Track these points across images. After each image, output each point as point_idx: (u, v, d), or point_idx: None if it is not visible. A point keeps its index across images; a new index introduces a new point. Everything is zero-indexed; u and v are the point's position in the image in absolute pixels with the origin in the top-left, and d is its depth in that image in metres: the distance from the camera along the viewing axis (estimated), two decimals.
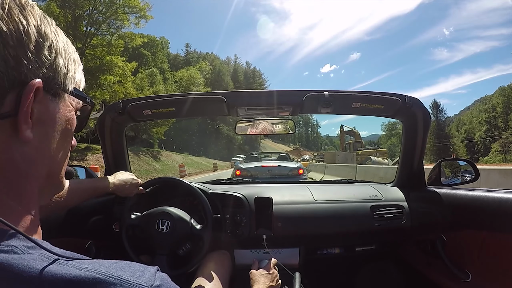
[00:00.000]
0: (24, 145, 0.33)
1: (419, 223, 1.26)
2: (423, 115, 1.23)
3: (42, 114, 0.34)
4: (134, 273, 0.31)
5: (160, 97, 1.24)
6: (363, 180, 1.66)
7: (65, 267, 0.29)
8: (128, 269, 0.32)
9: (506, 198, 0.91)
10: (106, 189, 0.99)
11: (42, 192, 0.38)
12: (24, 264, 0.28)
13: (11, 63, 0.31)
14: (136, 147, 21.53)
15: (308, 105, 1.22)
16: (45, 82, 0.34)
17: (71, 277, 0.28)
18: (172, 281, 0.35)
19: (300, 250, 1.30)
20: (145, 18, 17.91)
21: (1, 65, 0.30)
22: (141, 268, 0.33)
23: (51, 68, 0.35)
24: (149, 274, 0.32)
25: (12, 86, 0.31)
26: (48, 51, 0.34)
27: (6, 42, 0.30)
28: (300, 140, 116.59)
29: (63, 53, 0.37)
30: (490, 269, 0.98)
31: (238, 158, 23.66)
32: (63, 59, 0.37)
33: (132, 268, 0.32)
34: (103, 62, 16.62)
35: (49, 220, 1.02)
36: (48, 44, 0.34)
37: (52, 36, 0.35)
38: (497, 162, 34.88)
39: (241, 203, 1.24)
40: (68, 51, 0.38)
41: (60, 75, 0.36)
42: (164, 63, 38.59)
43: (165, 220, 1.01)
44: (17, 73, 0.31)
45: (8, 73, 0.30)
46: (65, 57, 0.37)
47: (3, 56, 0.30)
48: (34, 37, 0.33)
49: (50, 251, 0.30)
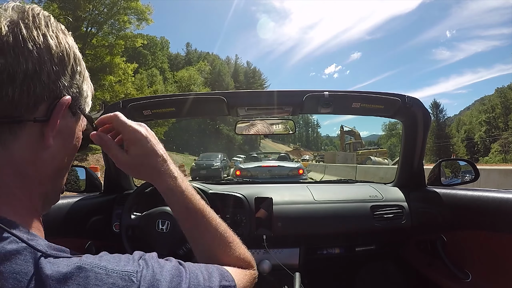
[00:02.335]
0: (44, 150, 0.37)
1: (419, 223, 1.26)
2: (423, 115, 1.23)
3: (63, 128, 0.39)
4: (119, 263, 0.34)
5: (160, 97, 1.24)
6: (363, 180, 1.66)
7: (53, 264, 0.31)
8: (113, 260, 0.34)
9: (506, 198, 0.91)
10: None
11: (45, 198, 0.41)
12: (13, 261, 0.29)
13: (52, 77, 0.36)
14: None
15: (308, 105, 1.22)
16: (72, 100, 0.39)
17: (58, 273, 0.30)
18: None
19: (300, 250, 1.30)
20: (146, 21, 17.93)
21: (45, 77, 0.35)
22: (126, 258, 0.36)
23: (78, 90, 0.41)
24: (134, 261, 0.36)
25: (48, 97, 0.36)
26: (79, 75, 0.41)
27: (52, 59, 0.36)
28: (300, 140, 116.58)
29: (87, 80, 0.44)
30: (490, 269, 0.98)
31: (238, 158, 23.65)
32: (86, 85, 0.43)
33: (117, 259, 0.35)
34: (104, 63, 16.64)
35: (49, 221, 1.02)
36: (79, 69, 0.41)
37: (82, 62, 0.42)
38: (497, 162, 34.89)
39: (241, 203, 1.24)
40: (88, 78, 0.44)
41: (82, 97, 0.42)
42: (164, 63, 38.64)
43: (165, 220, 1.01)
44: (55, 87, 0.37)
45: (49, 85, 0.36)
46: (87, 83, 0.44)
47: (48, 70, 0.35)
48: (72, 60, 0.39)
49: (39, 249, 0.31)
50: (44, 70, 0.35)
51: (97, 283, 0.31)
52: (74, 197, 1.17)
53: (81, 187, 1.28)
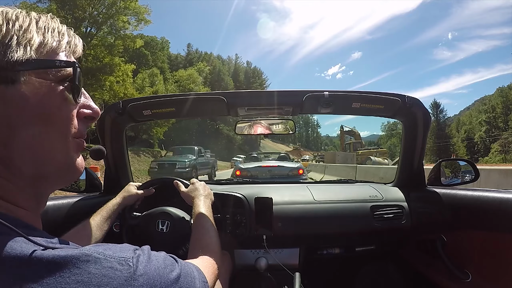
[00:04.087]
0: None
1: (419, 223, 1.26)
2: (423, 115, 1.23)
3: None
4: (116, 250, 0.36)
5: (160, 97, 1.24)
6: (363, 180, 1.66)
7: (56, 250, 0.32)
8: (112, 247, 0.36)
9: (506, 198, 0.91)
10: (117, 206, 1.01)
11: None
12: (11, 254, 0.31)
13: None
14: (136, 147, 21.50)
15: (308, 105, 1.21)
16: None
17: (58, 256, 0.31)
18: None
19: (300, 250, 1.30)
20: (144, 22, 17.95)
21: None
22: (122, 246, 0.38)
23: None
24: (130, 249, 0.38)
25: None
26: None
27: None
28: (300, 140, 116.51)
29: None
30: (490, 269, 0.98)
31: (238, 158, 23.67)
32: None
33: (115, 247, 0.37)
34: (103, 63, 16.64)
35: (49, 220, 1.02)
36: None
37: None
38: (497, 162, 34.92)
39: (241, 203, 1.24)
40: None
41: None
42: (164, 63, 38.60)
43: (165, 220, 1.01)
44: None
45: None
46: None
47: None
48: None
49: (38, 242, 0.32)
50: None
51: (96, 267, 0.32)
52: (74, 197, 1.17)
53: (81, 187, 1.28)
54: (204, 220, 0.85)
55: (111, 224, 0.96)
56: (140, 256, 0.37)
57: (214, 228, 0.83)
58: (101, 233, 0.90)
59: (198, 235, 0.78)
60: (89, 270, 0.32)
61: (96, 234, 0.88)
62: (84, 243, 0.83)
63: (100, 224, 0.91)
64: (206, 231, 0.80)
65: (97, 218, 0.92)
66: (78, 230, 0.86)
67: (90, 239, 0.86)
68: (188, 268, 0.45)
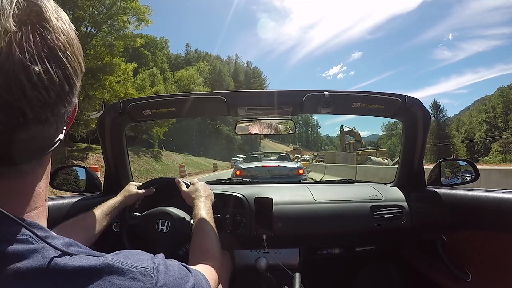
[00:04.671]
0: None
1: (419, 223, 1.26)
2: (423, 115, 1.22)
3: None
4: (136, 260, 0.38)
5: (160, 97, 1.24)
6: (363, 180, 1.66)
7: (76, 259, 0.33)
8: (131, 256, 0.38)
9: (506, 198, 0.91)
10: (118, 203, 1.02)
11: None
12: (31, 260, 0.31)
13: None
14: (136, 147, 21.52)
15: (308, 105, 1.21)
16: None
17: (83, 267, 0.32)
18: None
19: (300, 250, 1.30)
20: (145, 22, 17.91)
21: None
22: (140, 254, 0.40)
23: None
24: (148, 258, 0.40)
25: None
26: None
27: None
28: (300, 140, 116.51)
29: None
30: (490, 269, 0.98)
31: (238, 158, 23.64)
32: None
33: (134, 256, 0.39)
34: (104, 63, 16.63)
35: (49, 221, 1.02)
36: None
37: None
38: (497, 162, 34.90)
39: (241, 203, 1.24)
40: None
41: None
42: (164, 63, 38.60)
43: (165, 220, 1.01)
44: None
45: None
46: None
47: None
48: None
49: (57, 247, 0.33)
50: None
51: (119, 278, 0.33)
52: (74, 197, 1.17)
53: (81, 187, 1.28)
54: (204, 223, 0.85)
55: (110, 220, 0.96)
56: (159, 266, 0.39)
57: (214, 232, 0.84)
58: (99, 227, 0.90)
59: (199, 238, 0.79)
60: (113, 281, 0.33)
61: (94, 227, 0.88)
62: (82, 234, 0.84)
63: (99, 218, 0.91)
64: (206, 234, 0.81)
65: (97, 212, 0.93)
66: (78, 220, 0.86)
67: (88, 231, 0.86)
68: (198, 278, 0.48)
